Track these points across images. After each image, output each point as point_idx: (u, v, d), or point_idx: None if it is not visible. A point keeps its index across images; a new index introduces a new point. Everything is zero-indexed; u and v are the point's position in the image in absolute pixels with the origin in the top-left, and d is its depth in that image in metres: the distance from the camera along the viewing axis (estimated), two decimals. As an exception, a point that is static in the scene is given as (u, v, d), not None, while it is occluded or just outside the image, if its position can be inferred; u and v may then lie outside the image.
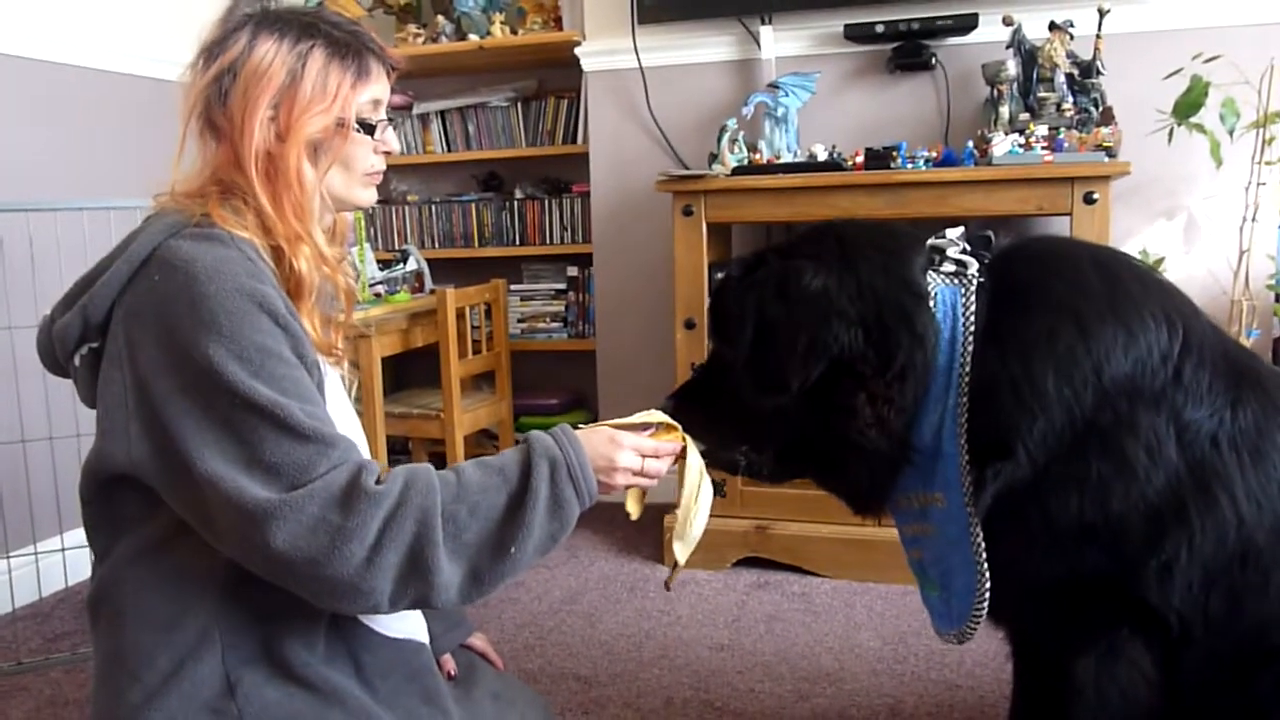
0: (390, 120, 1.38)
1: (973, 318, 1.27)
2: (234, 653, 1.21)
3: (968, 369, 1.26)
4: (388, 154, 1.37)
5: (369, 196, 1.38)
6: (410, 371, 3.80)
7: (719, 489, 2.85)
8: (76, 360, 1.22)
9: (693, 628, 2.53)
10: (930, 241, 1.35)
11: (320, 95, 1.26)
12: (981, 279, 1.30)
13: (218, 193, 1.25)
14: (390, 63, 1.36)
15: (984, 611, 1.31)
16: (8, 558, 2.67)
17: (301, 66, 1.26)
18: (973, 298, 1.28)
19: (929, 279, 1.31)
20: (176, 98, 1.29)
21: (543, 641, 2.48)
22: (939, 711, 2.09)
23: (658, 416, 1.36)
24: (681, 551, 1.41)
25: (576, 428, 1.29)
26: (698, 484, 1.38)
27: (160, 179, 1.30)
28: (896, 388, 1.27)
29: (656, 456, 1.33)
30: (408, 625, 1.39)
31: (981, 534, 1.28)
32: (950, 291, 1.30)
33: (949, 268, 1.31)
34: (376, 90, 1.33)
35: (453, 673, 1.51)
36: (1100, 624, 1.26)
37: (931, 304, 1.29)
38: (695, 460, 1.38)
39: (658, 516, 2.99)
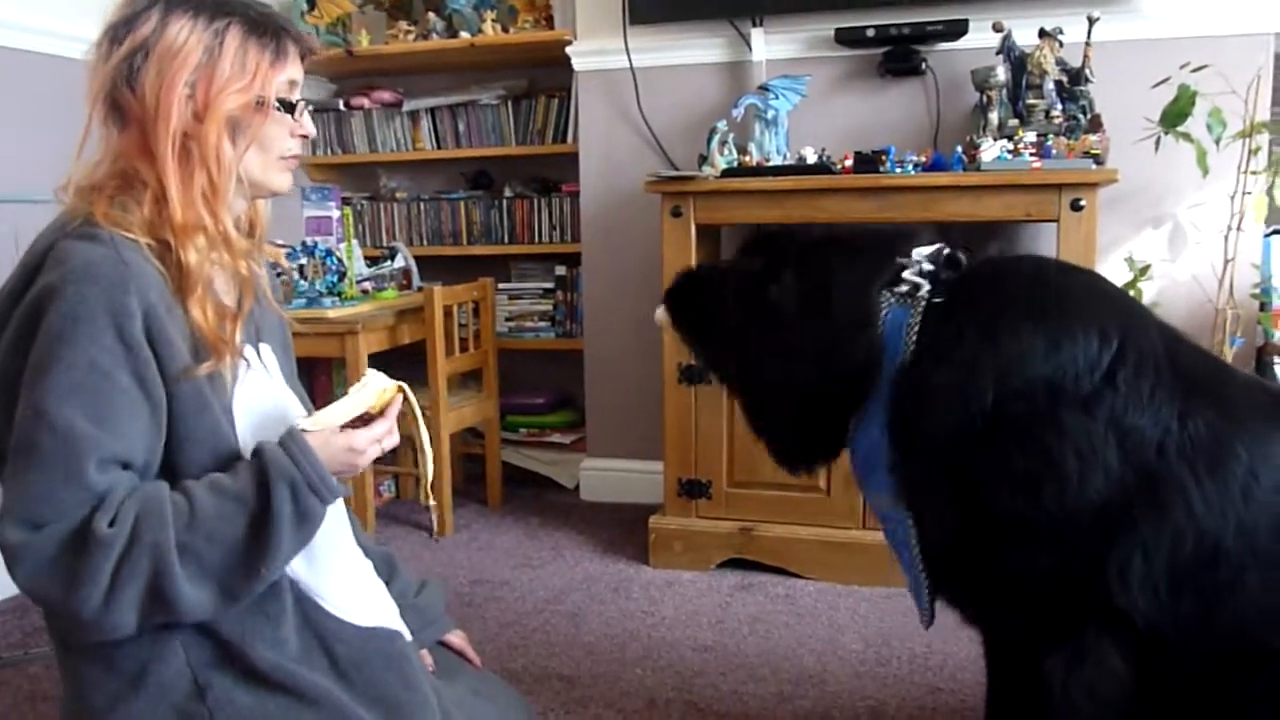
0: (308, 105, 1.36)
1: (914, 336, 1.35)
2: (197, 653, 1.21)
3: (895, 382, 1.36)
4: (305, 138, 1.35)
5: (285, 181, 1.36)
6: (397, 369, 3.78)
7: (704, 491, 2.86)
8: None
9: (676, 629, 2.53)
10: (898, 259, 1.43)
11: (239, 73, 1.25)
12: (937, 299, 1.37)
13: (113, 187, 1.23)
14: (305, 46, 1.35)
15: (928, 604, 1.42)
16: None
17: (219, 44, 1.24)
18: (916, 317, 1.36)
19: (883, 300, 1.40)
20: (82, 78, 1.26)
21: (526, 641, 2.47)
22: (921, 714, 2.10)
23: (376, 381, 1.34)
24: (427, 492, 1.44)
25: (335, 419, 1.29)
26: (425, 428, 1.43)
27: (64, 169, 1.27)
28: (834, 395, 1.42)
29: (390, 431, 1.33)
30: (380, 614, 1.39)
31: (915, 531, 1.37)
32: (900, 312, 1.38)
33: (903, 288, 1.39)
34: (293, 72, 1.31)
35: (431, 668, 1.50)
36: (1066, 623, 1.28)
37: (881, 326, 1.38)
38: (416, 409, 1.41)
39: (641, 517, 2.99)
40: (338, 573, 1.36)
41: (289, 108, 1.30)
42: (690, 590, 2.77)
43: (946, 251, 1.41)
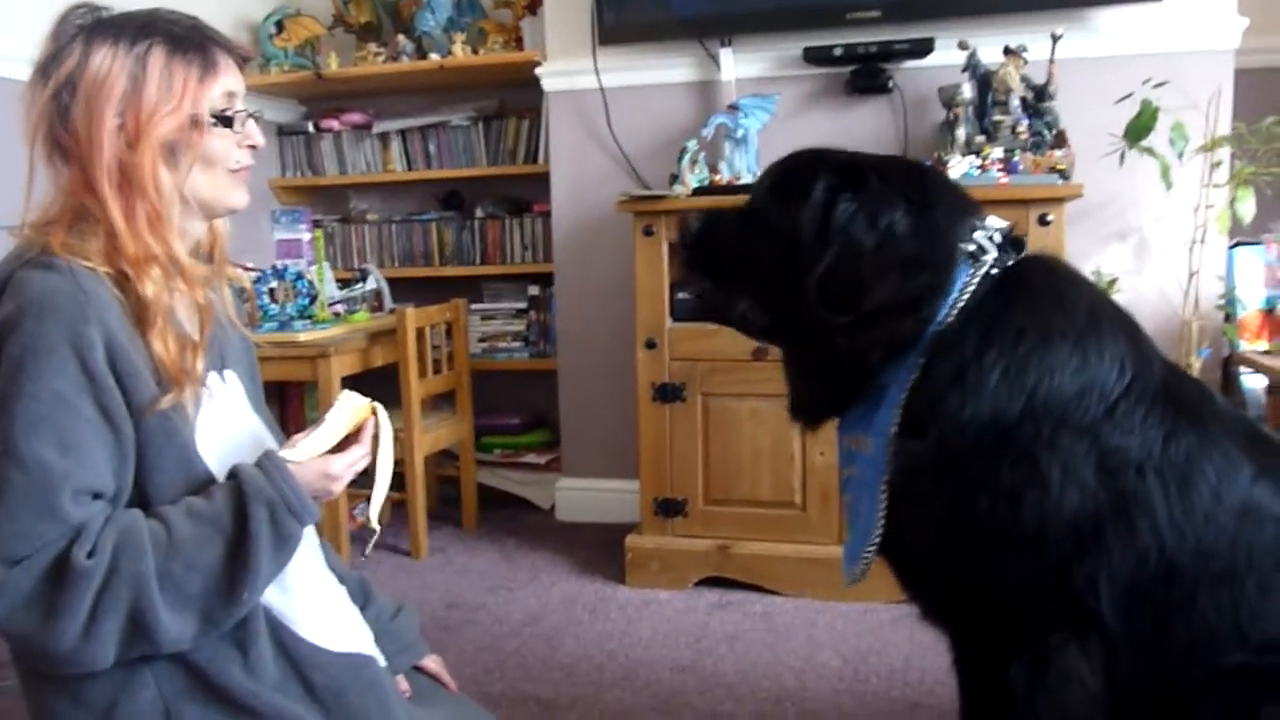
0: (251, 113, 1.32)
1: (967, 295, 1.32)
2: (169, 684, 1.19)
3: (938, 335, 1.32)
4: (254, 148, 1.32)
5: (239, 197, 1.33)
6: (370, 392, 3.75)
7: (680, 509, 2.86)
8: None
9: (654, 649, 2.52)
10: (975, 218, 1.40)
11: (166, 95, 1.22)
12: (994, 270, 1.35)
13: (68, 221, 1.21)
14: (240, 52, 1.32)
15: (873, 551, 1.37)
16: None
17: (142, 69, 1.21)
18: (975, 280, 1.33)
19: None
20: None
21: (503, 664, 2.45)
22: (900, 730, 2.10)
23: (350, 401, 1.35)
24: (376, 515, 1.43)
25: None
26: (390, 448, 1.40)
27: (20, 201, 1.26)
28: (908, 323, 1.33)
29: (366, 455, 1.33)
30: (355, 639, 1.38)
31: (885, 489, 1.34)
32: (963, 267, 1.34)
33: (970, 246, 1.36)
34: (228, 82, 1.28)
35: (407, 694, 1.49)
36: (1033, 629, 1.28)
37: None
38: (387, 429, 1.39)
39: (617, 537, 2.98)
40: (310, 598, 1.35)
41: (226, 121, 1.28)
42: (668, 609, 2.76)
43: (1015, 233, 1.40)
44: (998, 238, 1.38)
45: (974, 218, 1.38)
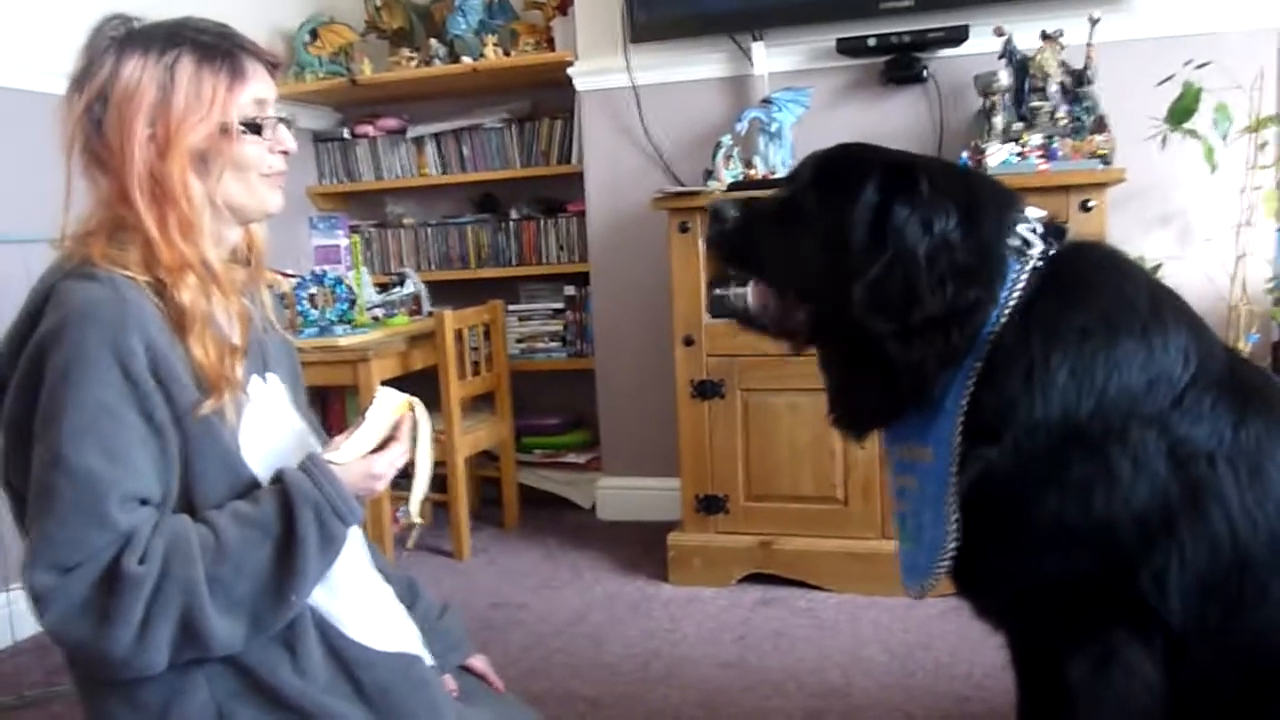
0: (283, 120, 1.33)
1: (1017, 294, 1.29)
2: (221, 685, 1.21)
3: (994, 338, 1.29)
4: (285, 153, 1.33)
5: (274, 201, 1.34)
6: (409, 394, 3.79)
7: (721, 506, 2.85)
8: None
9: (699, 646, 2.51)
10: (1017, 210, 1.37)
11: (195, 103, 1.23)
12: (1039, 263, 1.32)
13: (106, 231, 1.23)
14: (269, 58, 1.33)
15: (944, 569, 1.32)
16: (7, 591, 2.65)
17: (171, 78, 1.22)
18: (1024, 276, 1.30)
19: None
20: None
21: (548, 663, 2.46)
22: (949, 725, 2.08)
23: (388, 398, 1.36)
24: (417, 510, 1.44)
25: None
26: (429, 443, 1.42)
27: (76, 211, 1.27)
28: (957, 334, 1.29)
29: (405, 453, 1.35)
30: (402, 639, 1.39)
31: (956, 496, 1.29)
32: (1011, 264, 1.32)
33: (1015, 241, 1.33)
34: (257, 89, 1.29)
35: (454, 693, 1.50)
36: (1096, 626, 1.26)
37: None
38: (425, 423, 1.40)
39: (659, 535, 2.98)
40: (357, 599, 1.36)
41: (255, 128, 1.28)
42: (711, 607, 2.75)
43: (1055, 221, 1.37)
44: (1040, 229, 1.35)
45: (1016, 213, 1.35)
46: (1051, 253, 1.33)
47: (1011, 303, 1.29)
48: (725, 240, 1.47)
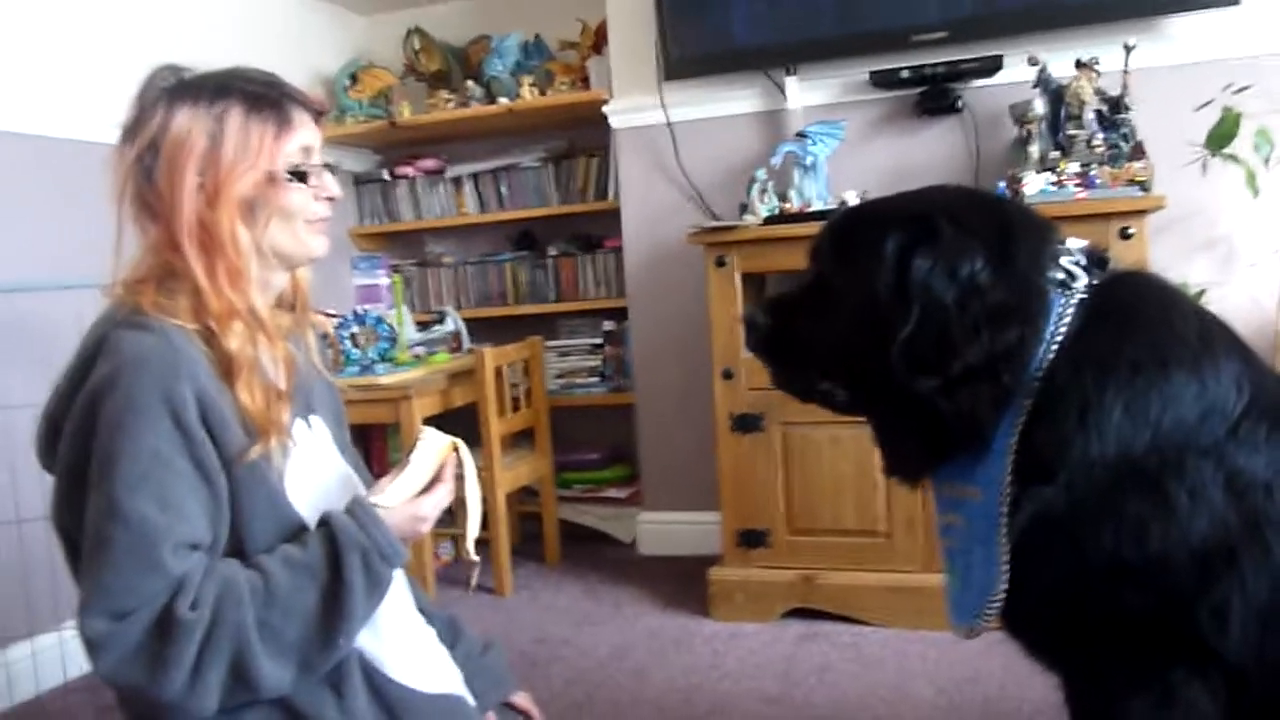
0: (329, 167, 1.36)
1: (1065, 328, 1.27)
2: None
3: (1041, 375, 1.26)
4: (330, 200, 1.36)
5: (320, 246, 1.36)
6: (451, 431, 3.80)
7: (763, 540, 2.84)
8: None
9: (742, 681, 2.49)
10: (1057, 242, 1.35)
11: (243, 153, 1.26)
12: (1084, 295, 1.30)
13: (156, 279, 1.25)
14: (315, 106, 1.35)
15: (995, 610, 1.30)
16: (59, 630, 2.69)
17: (220, 128, 1.25)
18: (1070, 310, 1.28)
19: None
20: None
21: (591, 699, 2.45)
22: (999, 762, 2.04)
23: (432, 439, 1.38)
24: (473, 549, 1.46)
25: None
26: (476, 483, 1.44)
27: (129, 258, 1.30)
28: (1007, 376, 1.26)
29: (450, 493, 1.37)
30: (444, 680, 1.39)
31: (1007, 537, 1.27)
32: (1055, 298, 1.29)
33: (1058, 275, 1.30)
34: (303, 137, 1.32)
35: (498, 731, 1.50)
36: (1154, 665, 1.24)
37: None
38: (469, 463, 1.42)
39: (700, 569, 2.96)
40: (400, 640, 1.37)
41: (301, 176, 1.31)
42: (754, 642, 2.73)
43: (1096, 250, 1.35)
44: (1082, 260, 1.33)
45: (1055, 244, 1.33)
46: (1095, 283, 1.31)
47: (1059, 338, 1.27)
48: (765, 346, 1.46)
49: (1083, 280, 1.31)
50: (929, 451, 1.36)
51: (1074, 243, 1.36)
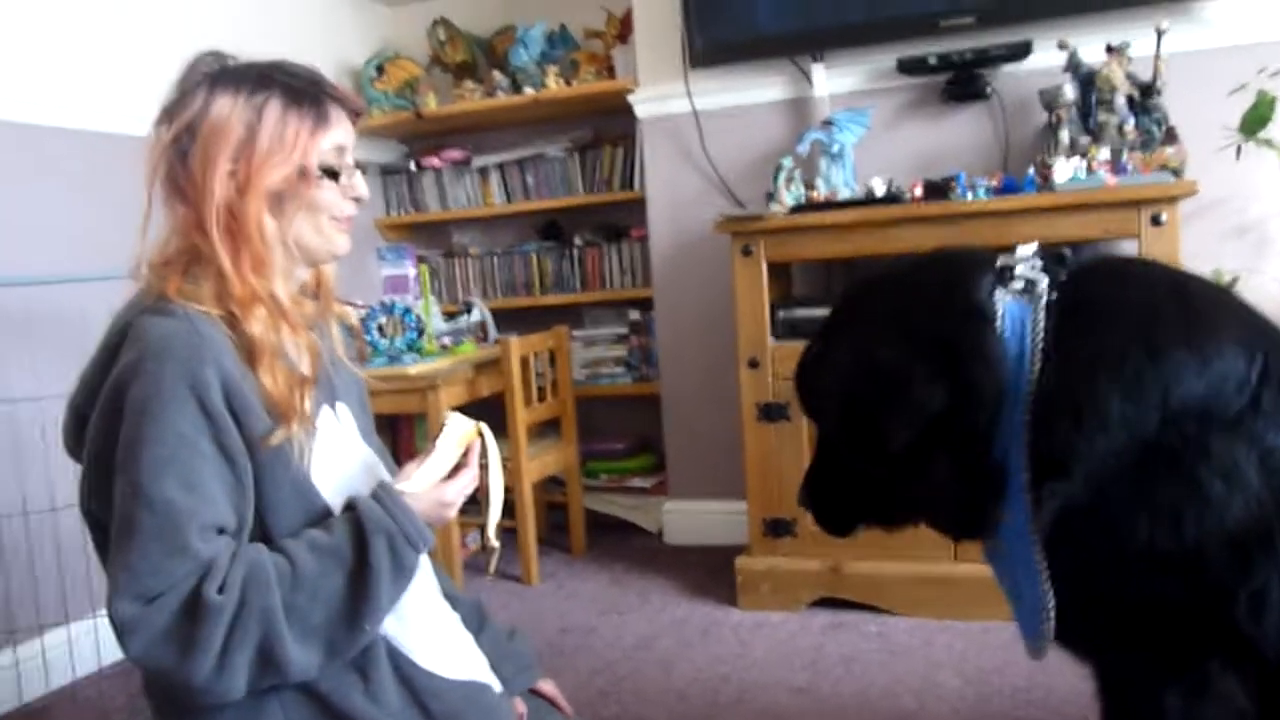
0: (360, 167, 1.37)
1: (1041, 334, 1.26)
2: (295, 712, 1.23)
3: (1033, 386, 1.25)
4: (358, 200, 1.36)
5: (342, 244, 1.37)
6: (477, 420, 3.83)
7: (789, 529, 2.83)
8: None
9: (769, 670, 2.49)
10: (1000, 260, 1.34)
11: (279, 145, 1.27)
12: (1053, 296, 1.28)
13: (183, 263, 1.26)
14: (354, 107, 1.36)
15: (1050, 629, 1.29)
16: (95, 617, 2.73)
17: (258, 118, 1.26)
18: (1041, 315, 1.27)
19: (997, 298, 1.30)
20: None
21: (617, 688, 2.46)
22: (1027, 752, 2.03)
23: (457, 424, 1.38)
24: (495, 534, 1.46)
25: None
26: (499, 467, 1.45)
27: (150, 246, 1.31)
28: (969, 421, 1.27)
29: (475, 479, 1.38)
30: (470, 666, 1.40)
31: (1043, 552, 1.26)
32: (1019, 308, 1.28)
33: (1018, 285, 1.30)
34: (338, 135, 1.33)
35: (523, 717, 1.50)
36: (1189, 655, 1.22)
37: (1000, 323, 1.28)
38: (494, 447, 1.42)
39: (727, 559, 2.96)
40: (426, 626, 1.38)
41: (333, 174, 1.32)
42: (781, 631, 2.73)
43: (1049, 250, 1.35)
44: (1037, 263, 1.32)
45: (986, 269, 1.33)
46: (1062, 281, 1.30)
47: (1039, 345, 1.26)
48: (828, 522, 1.55)
49: (1044, 282, 1.29)
50: (970, 519, 1.36)
51: (1024, 249, 1.34)
